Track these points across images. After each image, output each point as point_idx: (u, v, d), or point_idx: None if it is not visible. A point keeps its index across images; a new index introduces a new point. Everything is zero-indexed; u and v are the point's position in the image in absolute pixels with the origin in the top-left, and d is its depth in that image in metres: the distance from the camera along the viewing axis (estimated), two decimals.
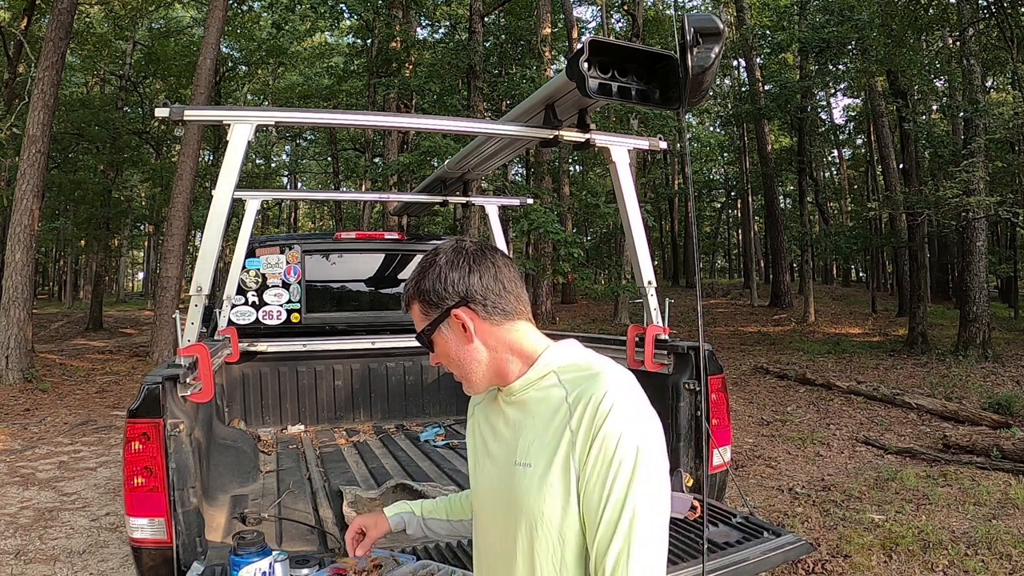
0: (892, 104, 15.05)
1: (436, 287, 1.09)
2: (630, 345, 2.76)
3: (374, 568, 2.10)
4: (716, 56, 2.11)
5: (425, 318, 1.12)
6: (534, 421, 1.06)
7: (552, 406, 1.03)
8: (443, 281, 1.09)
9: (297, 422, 4.14)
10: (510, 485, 1.05)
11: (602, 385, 0.98)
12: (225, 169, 2.39)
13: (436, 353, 1.14)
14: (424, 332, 1.13)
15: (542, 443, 1.01)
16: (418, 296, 1.11)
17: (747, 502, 4.20)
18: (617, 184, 2.79)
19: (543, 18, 15.62)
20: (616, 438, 0.93)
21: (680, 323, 16.42)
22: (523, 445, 1.05)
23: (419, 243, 4.63)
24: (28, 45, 12.78)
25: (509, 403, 1.12)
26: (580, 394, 0.99)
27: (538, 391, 1.07)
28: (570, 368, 1.07)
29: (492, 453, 1.14)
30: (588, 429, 0.95)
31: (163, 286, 11.71)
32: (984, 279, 11.25)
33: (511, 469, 1.06)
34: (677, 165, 29.95)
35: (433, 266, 1.10)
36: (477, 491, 1.18)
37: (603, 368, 1.03)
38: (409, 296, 1.13)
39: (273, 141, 28.49)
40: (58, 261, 33.95)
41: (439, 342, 1.12)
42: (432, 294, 1.10)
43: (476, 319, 1.09)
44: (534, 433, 1.04)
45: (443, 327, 1.11)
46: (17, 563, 3.63)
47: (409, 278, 1.13)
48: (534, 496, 1.00)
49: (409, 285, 1.13)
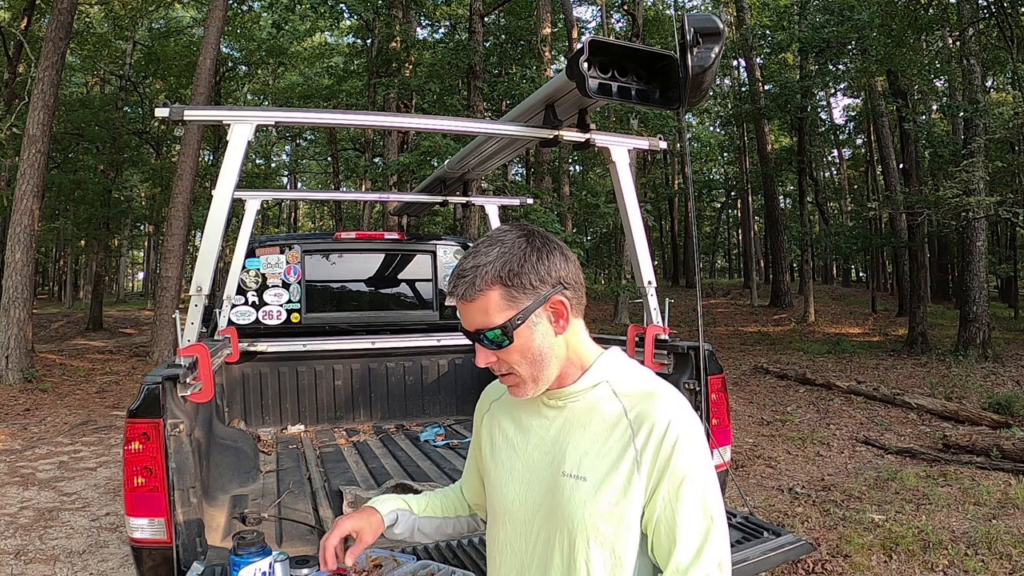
0: (892, 104, 15.06)
1: (531, 271, 0.99)
2: (630, 345, 2.76)
3: (374, 568, 2.10)
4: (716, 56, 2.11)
5: (510, 306, 0.98)
6: (585, 432, 1.03)
7: (608, 420, 1.01)
8: (543, 264, 1.00)
9: (297, 422, 4.14)
10: (554, 494, 1.02)
11: (665, 410, 0.98)
12: (225, 169, 2.39)
13: (512, 348, 1.00)
14: (513, 321, 0.98)
15: (599, 457, 1.00)
16: (503, 281, 0.98)
17: (747, 502, 4.20)
18: (617, 184, 2.79)
19: (543, 18, 15.61)
20: (683, 475, 0.95)
21: (680, 323, 16.42)
22: (573, 455, 1.02)
23: (419, 243, 4.63)
24: (28, 45, 12.78)
25: (551, 406, 1.07)
26: (642, 414, 0.99)
27: (589, 399, 1.05)
28: (624, 381, 1.05)
29: (525, 455, 1.09)
30: (655, 456, 0.96)
31: (163, 286, 11.71)
32: (984, 279, 11.25)
33: (557, 479, 1.02)
34: (677, 165, 29.95)
35: (517, 248, 0.99)
36: (501, 493, 1.11)
37: (660, 389, 1.03)
38: (486, 283, 0.98)
39: (273, 141, 28.49)
40: (58, 261, 33.95)
41: (522, 334, 1.00)
42: (525, 278, 0.99)
43: (570, 309, 1.03)
44: (587, 445, 1.01)
45: (533, 316, 1.00)
46: (17, 563, 3.63)
47: (477, 263, 0.99)
48: (587, 511, 0.98)
49: (483, 270, 0.98)
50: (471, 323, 1.01)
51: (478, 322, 1.00)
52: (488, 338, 1.00)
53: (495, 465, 1.14)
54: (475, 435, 1.28)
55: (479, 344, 1.02)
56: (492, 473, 1.15)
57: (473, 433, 1.29)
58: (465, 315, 1.01)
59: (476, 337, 1.01)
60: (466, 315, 1.01)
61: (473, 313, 1.00)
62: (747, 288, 24.93)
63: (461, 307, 1.01)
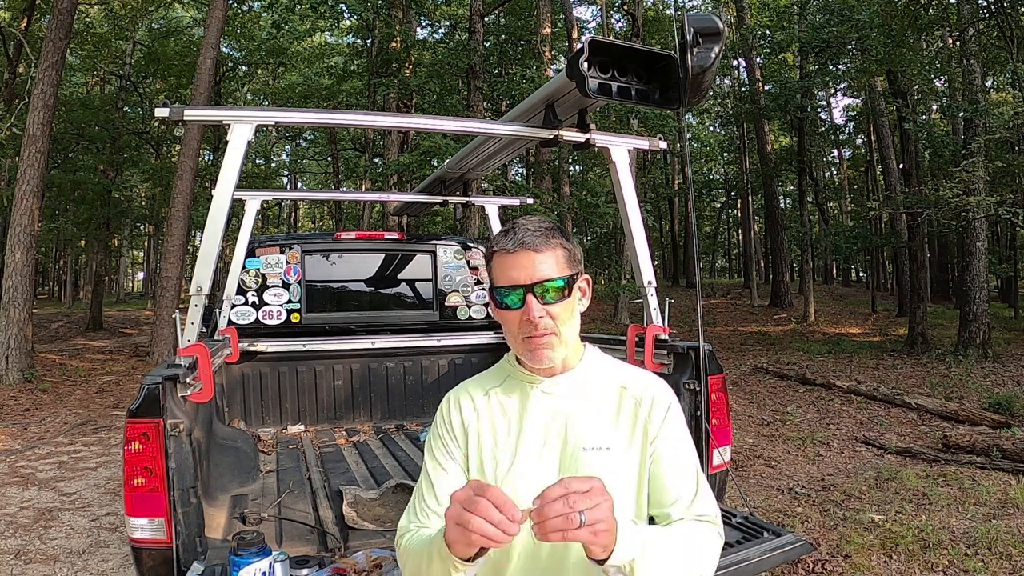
0: (892, 104, 15.05)
1: (577, 248, 1.18)
2: (630, 345, 2.76)
3: (374, 568, 2.10)
4: (716, 56, 2.11)
5: (569, 267, 1.15)
6: (594, 410, 1.17)
7: (612, 397, 1.18)
8: (578, 246, 1.19)
9: (297, 422, 4.14)
10: (576, 470, 1.11)
11: (661, 388, 1.20)
12: (225, 169, 2.39)
13: (566, 303, 1.13)
14: (575, 277, 1.15)
15: (615, 429, 1.16)
16: (565, 245, 1.15)
17: (747, 502, 4.20)
18: (617, 184, 2.79)
19: (543, 18, 15.61)
20: (679, 428, 1.19)
21: (680, 323, 16.41)
22: (589, 431, 1.15)
23: (419, 243, 4.63)
24: (28, 45, 12.78)
25: (550, 391, 1.17)
26: (641, 390, 1.18)
27: (591, 381, 1.19)
28: (613, 365, 1.24)
29: (535, 445, 1.15)
30: (659, 425, 1.16)
31: (163, 286, 11.71)
32: (984, 279, 11.25)
33: (577, 457, 1.12)
34: (677, 165, 29.95)
35: (565, 231, 1.17)
36: (512, 489, 1.10)
37: (647, 372, 1.25)
38: (556, 239, 1.13)
39: (273, 141, 28.49)
40: (58, 261, 33.95)
41: (574, 295, 1.15)
42: (576, 250, 1.17)
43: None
44: (600, 420, 1.16)
45: (576, 284, 1.16)
46: (17, 563, 3.63)
47: (542, 224, 1.14)
48: (619, 477, 1.12)
49: (553, 231, 1.14)
50: (535, 274, 1.11)
51: (543, 272, 1.11)
52: (553, 287, 1.11)
53: (500, 466, 1.16)
54: (444, 453, 1.20)
55: (535, 297, 1.11)
56: (496, 476, 1.15)
57: (439, 452, 1.20)
58: (528, 266, 1.11)
59: (536, 288, 1.11)
60: (530, 266, 1.11)
61: (540, 264, 1.11)
62: (747, 288, 24.93)
63: (525, 258, 1.11)
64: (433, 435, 1.26)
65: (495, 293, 1.15)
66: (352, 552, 2.22)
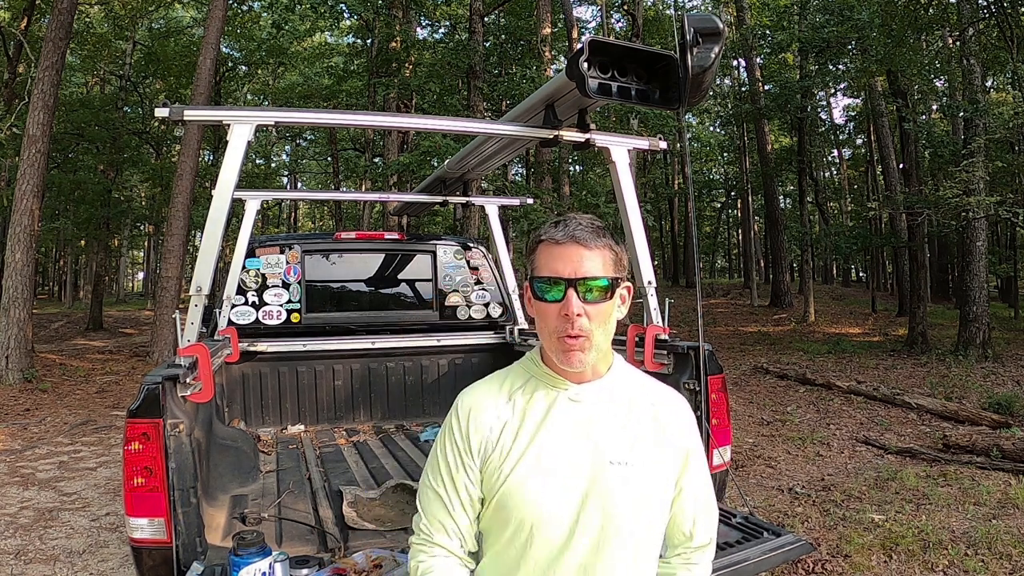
0: (892, 104, 15.05)
1: (624, 254, 1.15)
2: (630, 345, 2.76)
3: (374, 568, 2.10)
4: (716, 56, 2.11)
5: (615, 270, 1.11)
6: (620, 422, 1.13)
7: (639, 410, 1.15)
8: (625, 252, 1.16)
9: (297, 422, 4.14)
10: (602, 485, 1.09)
11: (686, 409, 1.21)
12: (225, 169, 2.39)
13: (606, 306, 1.09)
14: (619, 280, 1.12)
15: (641, 444, 1.13)
16: (613, 248, 1.12)
17: (747, 502, 4.20)
18: (617, 184, 2.78)
19: (543, 18, 15.59)
20: (704, 463, 1.21)
21: (680, 323, 16.41)
22: (615, 444, 1.11)
23: (419, 243, 4.63)
24: (28, 45, 12.77)
25: (578, 399, 1.14)
26: (666, 405, 1.18)
27: (618, 391, 1.16)
28: (638, 376, 1.22)
29: (558, 454, 1.10)
30: (683, 445, 1.17)
31: (163, 286, 11.71)
32: (984, 279, 11.24)
33: (603, 470, 1.09)
34: (677, 165, 29.93)
35: (615, 235, 1.14)
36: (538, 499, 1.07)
37: (671, 390, 1.23)
38: (606, 239, 1.11)
39: (273, 141, 28.49)
40: (58, 261, 33.93)
41: (614, 299, 1.12)
42: (623, 257, 1.14)
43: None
44: (626, 434, 1.13)
45: (619, 289, 1.13)
46: (17, 563, 3.63)
47: (596, 224, 1.11)
48: (642, 492, 1.11)
49: (604, 231, 1.11)
50: (580, 269, 1.07)
51: (588, 269, 1.07)
52: (596, 286, 1.07)
53: (517, 473, 1.10)
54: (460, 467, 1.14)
55: (577, 294, 1.06)
56: (514, 483, 1.09)
57: (455, 464, 1.14)
58: (575, 259, 1.07)
59: (579, 284, 1.06)
60: (577, 260, 1.07)
61: (587, 260, 1.07)
62: (747, 288, 24.92)
63: (574, 251, 1.07)
64: (447, 441, 1.17)
65: (534, 284, 1.10)
66: (352, 552, 2.22)
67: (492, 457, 1.12)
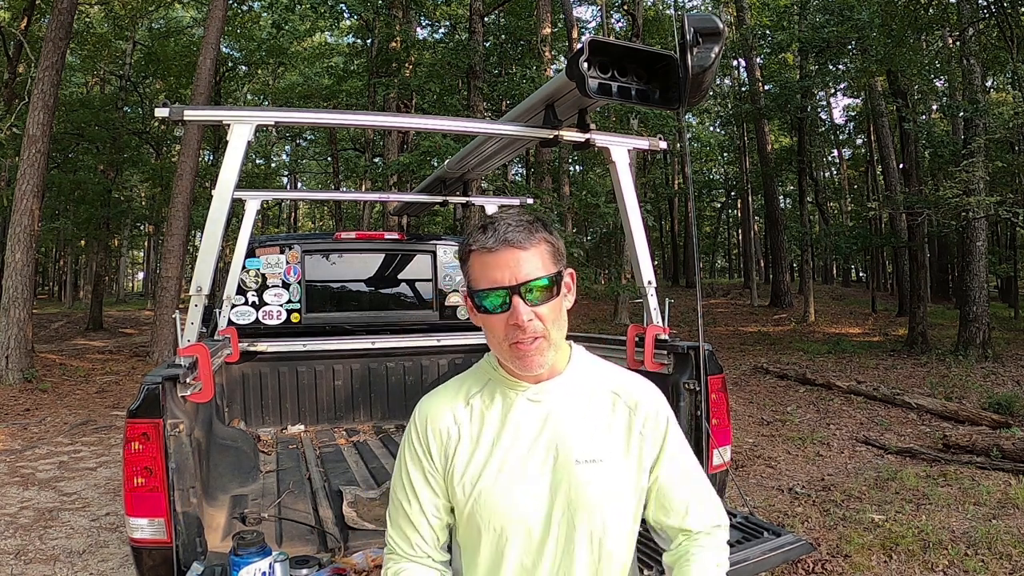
0: (892, 104, 15.05)
1: (560, 241, 1.09)
2: (630, 345, 2.76)
3: (374, 568, 2.10)
4: (716, 56, 2.11)
5: (555, 263, 1.06)
6: (584, 417, 1.09)
7: (604, 404, 1.12)
8: (560, 238, 1.10)
9: (297, 422, 4.14)
10: (571, 484, 1.06)
11: (653, 393, 1.16)
12: (225, 169, 2.39)
13: (554, 303, 1.04)
14: (560, 274, 1.06)
15: (608, 438, 1.09)
16: (549, 240, 1.06)
17: (747, 502, 4.20)
18: (617, 184, 2.78)
19: (543, 18, 15.60)
20: (679, 439, 1.16)
21: (680, 323, 16.41)
22: (580, 442, 1.08)
23: (419, 243, 4.63)
24: (28, 45, 12.77)
25: (536, 399, 1.10)
26: (634, 396, 1.13)
27: (578, 387, 1.12)
28: (602, 368, 1.17)
29: (523, 456, 1.07)
30: (654, 431, 1.12)
31: (163, 286, 11.71)
32: (984, 279, 11.24)
33: (569, 468, 1.06)
34: (677, 165, 29.94)
35: (548, 224, 1.08)
36: (507, 504, 1.06)
37: (637, 376, 1.18)
38: (540, 235, 1.05)
39: (273, 141, 28.49)
40: (58, 261, 33.94)
41: (561, 292, 1.07)
42: (560, 244, 1.09)
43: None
44: (591, 429, 1.09)
45: (563, 281, 1.08)
46: (17, 563, 3.63)
47: (522, 218, 1.05)
48: (613, 488, 1.07)
49: (535, 225, 1.05)
50: (519, 274, 1.01)
51: (528, 271, 1.02)
52: (539, 286, 1.02)
53: (483, 479, 1.08)
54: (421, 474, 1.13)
55: (522, 299, 1.02)
56: (479, 490, 1.08)
57: (416, 473, 1.13)
58: (514, 265, 1.02)
59: (522, 289, 1.02)
60: (515, 265, 1.02)
61: (525, 262, 1.02)
62: (747, 288, 24.92)
63: (511, 256, 1.02)
64: (407, 451, 1.15)
65: (475, 297, 1.06)
66: (352, 552, 2.22)
67: (455, 464, 1.10)
